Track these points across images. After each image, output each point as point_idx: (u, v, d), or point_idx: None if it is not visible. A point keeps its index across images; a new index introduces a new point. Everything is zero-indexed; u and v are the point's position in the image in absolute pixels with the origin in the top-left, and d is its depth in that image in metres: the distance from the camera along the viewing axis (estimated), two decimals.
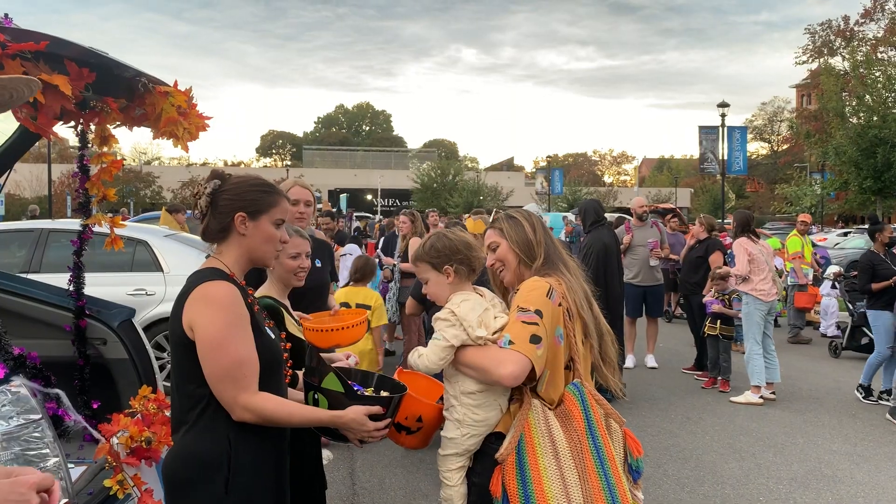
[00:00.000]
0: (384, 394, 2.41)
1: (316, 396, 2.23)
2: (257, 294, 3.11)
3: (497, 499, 2.33)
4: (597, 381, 2.61)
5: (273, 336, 2.28)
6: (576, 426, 2.34)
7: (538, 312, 2.35)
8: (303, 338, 3.18)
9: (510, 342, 2.31)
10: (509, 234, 2.61)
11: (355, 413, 2.18)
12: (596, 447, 2.35)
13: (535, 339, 2.30)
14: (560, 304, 2.43)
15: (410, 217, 8.56)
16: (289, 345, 2.39)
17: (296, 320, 3.16)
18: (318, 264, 4.17)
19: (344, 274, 7.97)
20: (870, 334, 9.41)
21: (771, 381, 7.58)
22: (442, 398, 2.57)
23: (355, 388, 2.31)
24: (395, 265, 8.48)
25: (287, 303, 3.16)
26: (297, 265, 3.11)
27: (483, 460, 2.43)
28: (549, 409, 2.37)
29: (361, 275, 6.26)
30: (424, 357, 2.44)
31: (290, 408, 2.16)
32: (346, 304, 5.85)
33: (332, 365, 3.09)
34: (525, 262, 2.58)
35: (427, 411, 2.50)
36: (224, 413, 2.07)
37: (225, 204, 2.20)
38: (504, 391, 2.43)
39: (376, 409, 2.23)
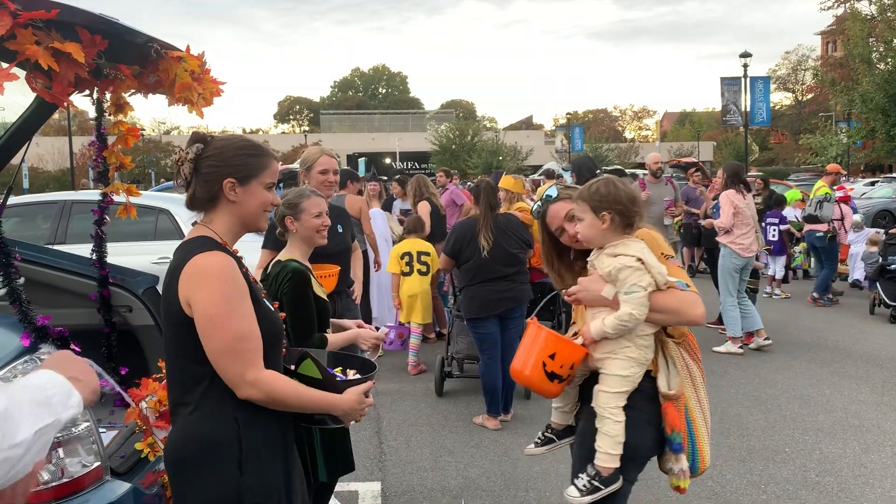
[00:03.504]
0: (351, 372, 2.35)
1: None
2: (282, 258, 3.15)
3: (678, 432, 2.51)
4: None
5: (271, 307, 2.18)
6: (698, 355, 2.65)
7: (673, 259, 2.59)
8: (327, 300, 3.21)
9: (687, 285, 2.47)
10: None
11: (357, 395, 2.13)
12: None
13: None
14: None
15: (417, 181, 8.67)
16: (283, 315, 2.32)
17: (317, 282, 3.19)
18: (340, 230, 4.33)
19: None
20: None
21: (752, 330, 7.65)
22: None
23: (332, 373, 2.25)
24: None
25: (309, 265, 3.20)
26: (320, 223, 3.17)
27: (635, 393, 2.54)
28: (677, 342, 2.60)
29: (415, 228, 7.51)
30: (629, 314, 2.43)
31: (298, 388, 2.05)
32: (408, 253, 7.13)
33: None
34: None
35: (581, 358, 2.57)
36: (229, 392, 1.97)
37: (210, 171, 2.07)
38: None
39: (369, 384, 2.19)
